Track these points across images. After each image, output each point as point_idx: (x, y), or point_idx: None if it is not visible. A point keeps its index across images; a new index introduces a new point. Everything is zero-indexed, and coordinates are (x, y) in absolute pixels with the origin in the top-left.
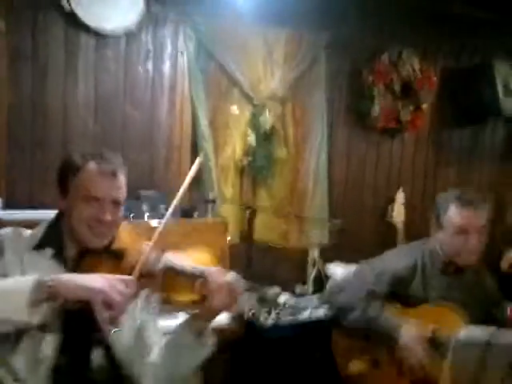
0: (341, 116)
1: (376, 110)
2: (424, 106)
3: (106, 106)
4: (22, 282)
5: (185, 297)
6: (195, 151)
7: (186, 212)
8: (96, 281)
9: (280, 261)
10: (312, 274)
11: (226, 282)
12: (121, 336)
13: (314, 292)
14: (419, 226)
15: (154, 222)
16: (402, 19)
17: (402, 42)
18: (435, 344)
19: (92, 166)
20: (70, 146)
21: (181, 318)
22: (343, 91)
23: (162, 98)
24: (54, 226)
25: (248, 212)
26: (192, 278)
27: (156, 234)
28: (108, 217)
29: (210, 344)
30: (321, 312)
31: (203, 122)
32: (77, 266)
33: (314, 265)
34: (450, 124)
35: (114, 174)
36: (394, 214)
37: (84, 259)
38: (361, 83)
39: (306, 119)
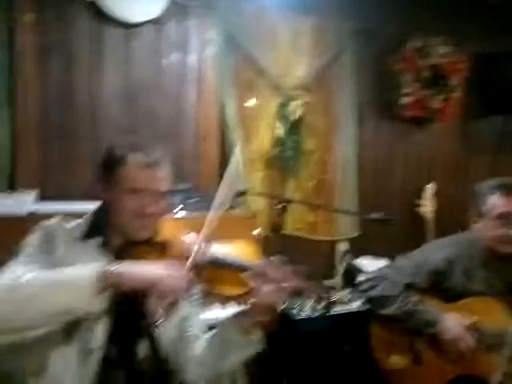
0: (369, 105)
1: (404, 98)
2: (454, 94)
3: (134, 97)
4: (84, 271)
5: (231, 290)
6: (223, 143)
7: None
8: (157, 270)
9: (308, 253)
10: (341, 267)
11: (275, 276)
12: (165, 327)
13: (344, 285)
14: (450, 217)
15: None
16: (431, 5)
17: (431, 28)
18: (480, 335)
19: (135, 157)
20: (98, 139)
21: (229, 310)
22: (371, 80)
23: (189, 89)
24: (98, 217)
25: (281, 204)
26: (239, 271)
27: (204, 227)
28: (152, 209)
29: (258, 341)
30: (354, 305)
31: (230, 113)
32: (121, 258)
33: (343, 258)
34: (481, 112)
35: (157, 166)
36: (424, 205)
37: (128, 251)
38: (388, 71)
39: (334, 109)
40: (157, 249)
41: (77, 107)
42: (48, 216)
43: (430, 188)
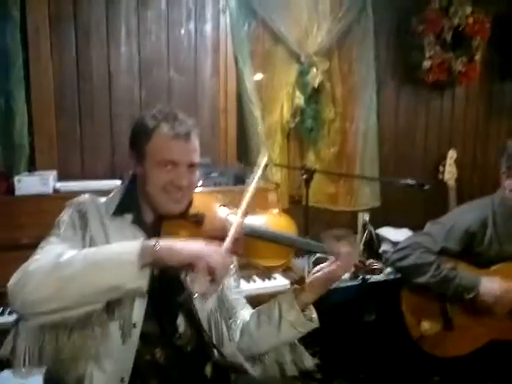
0: (389, 70)
1: (427, 61)
2: (476, 56)
3: (150, 70)
4: (126, 248)
5: (270, 261)
6: (241, 115)
7: (237, 178)
8: (198, 246)
9: (329, 224)
10: (363, 237)
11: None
12: (204, 302)
13: (366, 256)
14: (472, 184)
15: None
16: None
17: None
18: None
19: (165, 128)
20: (115, 115)
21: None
22: (391, 43)
23: (205, 60)
24: (130, 191)
25: (305, 175)
26: (277, 243)
27: (243, 201)
28: (184, 181)
29: (313, 319)
30: (379, 275)
31: (249, 84)
32: (156, 232)
33: (364, 228)
34: (503, 76)
35: (187, 137)
36: (446, 172)
37: (163, 225)
38: (410, 34)
39: (354, 75)
40: (191, 223)
41: (93, 81)
42: (72, 193)
43: (451, 154)
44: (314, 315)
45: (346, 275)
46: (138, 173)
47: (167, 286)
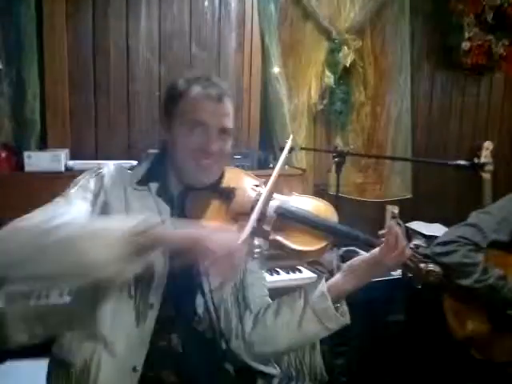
0: (424, 52)
1: (465, 43)
2: None
3: (170, 44)
4: (118, 225)
5: (304, 246)
6: (266, 95)
7: (260, 161)
8: (199, 229)
9: (355, 216)
10: None
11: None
12: (221, 287)
13: None
14: (509, 178)
15: None
16: None
17: None
18: None
19: (197, 89)
20: (132, 92)
21: (301, 274)
22: (428, 23)
23: (229, 35)
24: (159, 160)
25: (337, 158)
26: (314, 228)
27: (271, 179)
28: (214, 146)
29: (345, 314)
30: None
31: (275, 62)
32: (183, 205)
33: (392, 221)
34: None
35: (220, 98)
36: (481, 163)
37: (189, 196)
38: (448, 13)
39: (388, 56)
40: (220, 198)
41: (111, 57)
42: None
43: (487, 145)
44: (346, 310)
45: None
46: (167, 139)
47: (185, 269)
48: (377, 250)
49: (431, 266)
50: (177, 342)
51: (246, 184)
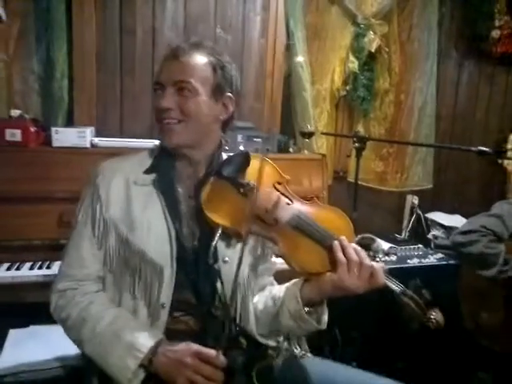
0: (452, 40)
1: (495, 31)
2: None
3: (195, 27)
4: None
5: (310, 264)
6: (288, 80)
7: (281, 145)
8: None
9: (374, 205)
10: (410, 221)
11: (364, 262)
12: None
13: (410, 240)
14: None
15: None
16: None
17: None
18: None
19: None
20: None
21: None
22: (457, 10)
23: (254, 19)
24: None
25: (357, 143)
26: (320, 244)
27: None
28: (164, 102)
29: (318, 319)
30: (431, 260)
31: (299, 47)
32: (197, 193)
33: (412, 212)
34: None
35: (175, 55)
36: (507, 155)
37: (206, 183)
38: (478, 0)
39: (414, 43)
40: (238, 191)
41: (137, 38)
42: (109, 149)
43: None
44: (322, 315)
45: None
46: None
47: (203, 254)
48: (341, 273)
49: (434, 314)
50: (193, 324)
51: (269, 181)
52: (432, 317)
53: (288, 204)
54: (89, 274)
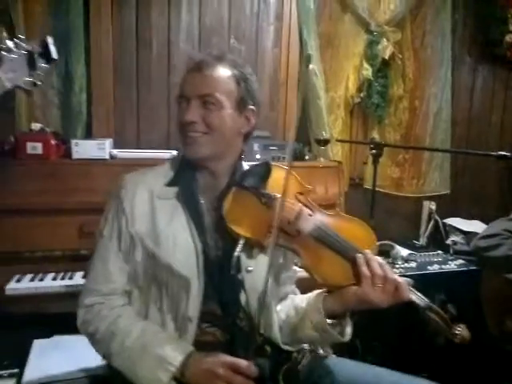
0: (466, 45)
1: (509, 36)
2: None
3: (210, 38)
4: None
5: (333, 278)
6: (303, 88)
7: (297, 153)
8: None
9: (391, 211)
10: (428, 227)
11: (388, 276)
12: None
13: (428, 247)
14: None
15: None
16: None
17: None
18: None
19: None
20: (174, 84)
21: None
22: (470, 15)
23: (267, 29)
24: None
25: (374, 150)
26: (344, 256)
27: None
28: (188, 116)
29: (342, 332)
30: (451, 266)
31: (313, 55)
32: (219, 204)
33: (429, 217)
34: None
35: (199, 68)
36: None
37: (229, 193)
38: (491, 6)
39: (428, 49)
40: (260, 201)
41: (153, 49)
42: (128, 160)
43: None
44: (346, 327)
45: None
46: None
47: (226, 265)
48: (365, 287)
49: (459, 330)
50: (220, 335)
51: (291, 191)
52: (457, 332)
53: (310, 215)
54: (115, 289)
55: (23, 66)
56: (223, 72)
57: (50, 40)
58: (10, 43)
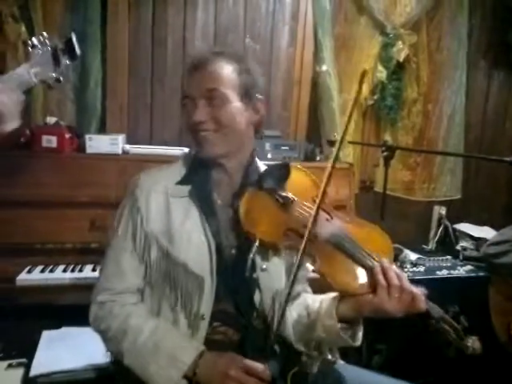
0: (481, 49)
1: None
2: None
3: (225, 37)
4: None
5: (347, 283)
6: (316, 88)
7: (308, 154)
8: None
9: (401, 215)
10: (437, 232)
11: (405, 286)
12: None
13: (438, 252)
14: None
15: None
16: None
17: None
18: None
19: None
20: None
21: None
22: (487, 19)
23: (282, 29)
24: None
25: (386, 152)
26: (360, 264)
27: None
28: (197, 116)
29: (354, 337)
30: (460, 271)
31: (327, 56)
32: (234, 202)
33: (439, 222)
34: None
35: (198, 66)
36: None
37: (245, 194)
38: (508, 9)
39: (443, 52)
40: (276, 203)
41: (168, 48)
42: (140, 156)
43: None
44: (357, 332)
45: None
46: None
47: (241, 264)
48: (379, 296)
49: (471, 342)
50: (232, 334)
51: (308, 194)
52: (469, 344)
53: (327, 220)
54: (128, 287)
55: (49, 62)
56: (224, 66)
57: (74, 37)
58: (34, 39)
